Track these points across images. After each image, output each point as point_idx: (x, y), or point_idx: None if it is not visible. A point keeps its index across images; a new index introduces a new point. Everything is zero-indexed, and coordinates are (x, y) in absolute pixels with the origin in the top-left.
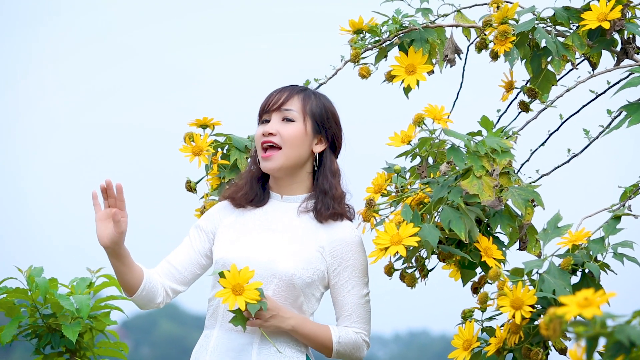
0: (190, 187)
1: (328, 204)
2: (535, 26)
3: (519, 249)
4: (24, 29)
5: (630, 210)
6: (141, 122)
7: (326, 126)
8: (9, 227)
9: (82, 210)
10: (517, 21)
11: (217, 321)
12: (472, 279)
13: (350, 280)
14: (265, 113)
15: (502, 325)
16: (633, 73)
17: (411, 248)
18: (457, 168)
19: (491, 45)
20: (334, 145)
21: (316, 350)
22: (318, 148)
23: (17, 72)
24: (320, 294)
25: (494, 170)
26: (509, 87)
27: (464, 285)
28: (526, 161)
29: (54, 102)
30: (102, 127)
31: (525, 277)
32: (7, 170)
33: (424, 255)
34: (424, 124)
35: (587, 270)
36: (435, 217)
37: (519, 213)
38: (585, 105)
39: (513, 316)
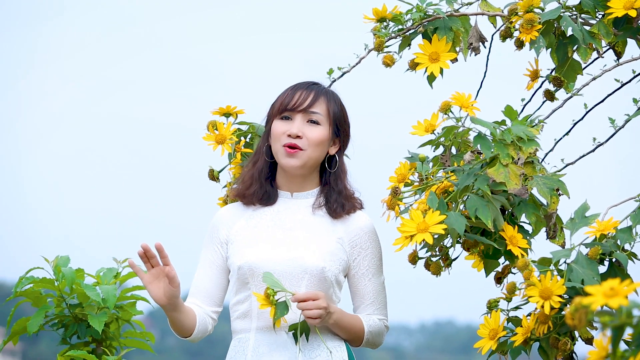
0: (213, 176)
1: (343, 204)
2: (561, 14)
3: (548, 237)
4: (35, 19)
5: None
6: (153, 116)
7: (342, 129)
8: (10, 219)
9: (81, 203)
10: (542, 9)
11: (252, 323)
12: (495, 269)
13: (370, 268)
14: (288, 111)
15: (529, 315)
16: None
17: (437, 236)
18: (481, 157)
19: (516, 33)
20: (344, 145)
21: (350, 344)
22: (333, 150)
23: (33, 63)
24: (343, 284)
25: (519, 158)
26: (534, 75)
27: (486, 276)
28: (550, 150)
29: (63, 95)
30: (110, 121)
31: (553, 267)
32: (10, 162)
33: (448, 244)
34: (451, 111)
35: (614, 260)
36: (460, 205)
37: (544, 202)
38: (610, 94)
39: (542, 306)
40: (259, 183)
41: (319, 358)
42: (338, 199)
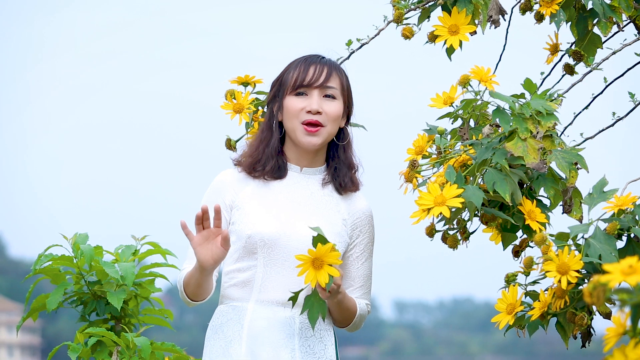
0: (230, 145)
1: (353, 178)
2: None
3: (564, 212)
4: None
5: None
6: (192, 97)
7: (350, 102)
8: (30, 197)
9: (100, 181)
10: None
11: (252, 294)
12: (512, 243)
13: (364, 252)
14: (303, 87)
15: (547, 290)
16: None
17: (454, 209)
18: (500, 130)
19: (536, 7)
20: (349, 117)
21: (336, 324)
22: (342, 123)
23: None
24: None
25: (537, 132)
26: (554, 49)
27: (504, 249)
28: (569, 124)
29: (102, 70)
30: (144, 99)
31: (570, 242)
32: (36, 138)
33: (465, 218)
34: (470, 85)
35: (632, 235)
36: (478, 178)
37: (563, 176)
38: (630, 68)
39: (559, 281)
40: (275, 160)
41: (313, 338)
42: (348, 173)
